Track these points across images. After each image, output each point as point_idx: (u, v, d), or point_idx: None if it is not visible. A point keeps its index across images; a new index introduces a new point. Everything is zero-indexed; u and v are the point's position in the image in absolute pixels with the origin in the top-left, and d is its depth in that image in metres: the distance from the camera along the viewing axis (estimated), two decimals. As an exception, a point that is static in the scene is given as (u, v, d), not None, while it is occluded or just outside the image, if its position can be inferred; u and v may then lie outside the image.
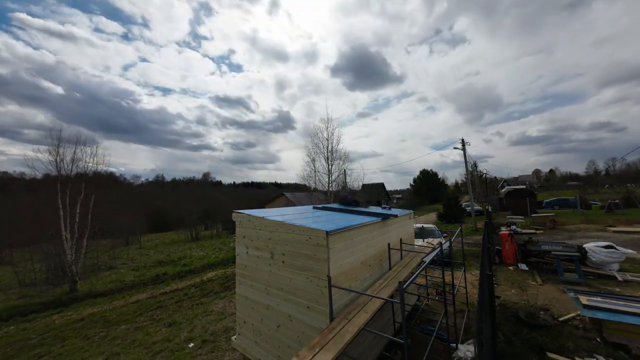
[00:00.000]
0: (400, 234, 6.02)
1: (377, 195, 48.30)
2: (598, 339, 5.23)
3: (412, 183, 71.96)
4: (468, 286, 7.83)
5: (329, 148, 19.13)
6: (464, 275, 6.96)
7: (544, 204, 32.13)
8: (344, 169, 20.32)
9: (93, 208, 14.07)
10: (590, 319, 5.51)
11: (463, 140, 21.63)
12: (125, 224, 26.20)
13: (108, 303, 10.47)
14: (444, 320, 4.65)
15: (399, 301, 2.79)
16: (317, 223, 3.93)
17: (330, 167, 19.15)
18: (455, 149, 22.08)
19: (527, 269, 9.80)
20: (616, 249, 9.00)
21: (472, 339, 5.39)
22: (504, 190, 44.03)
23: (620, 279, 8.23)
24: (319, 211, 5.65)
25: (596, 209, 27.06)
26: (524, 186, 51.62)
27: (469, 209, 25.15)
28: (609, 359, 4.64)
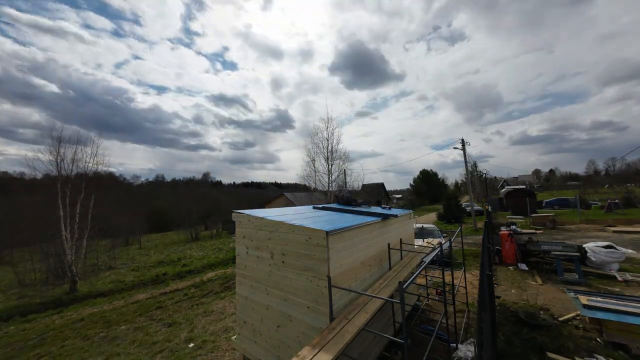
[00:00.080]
0: (400, 234, 6.02)
1: (377, 195, 48.30)
2: (598, 339, 5.23)
3: (412, 183, 71.95)
4: (468, 286, 7.83)
5: (329, 148, 19.12)
6: (464, 275, 6.97)
7: (544, 204, 32.16)
8: (344, 169, 20.31)
9: (93, 208, 14.07)
10: (590, 319, 5.51)
11: (463, 140, 21.65)
12: (125, 224, 26.19)
13: (108, 303, 10.47)
14: (444, 320, 4.65)
15: (399, 301, 2.78)
16: (317, 223, 3.93)
17: (330, 167, 19.13)
18: (455, 149, 22.11)
19: (527, 269, 9.81)
20: (616, 249, 9.00)
21: (472, 339, 5.39)
22: (503, 190, 44.02)
23: (620, 278, 8.23)
24: (319, 211, 5.65)
25: (596, 209, 27.06)
26: (524, 186, 51.59)
27: (469, 209, 25.15)
28: (609, 359, 4.64)
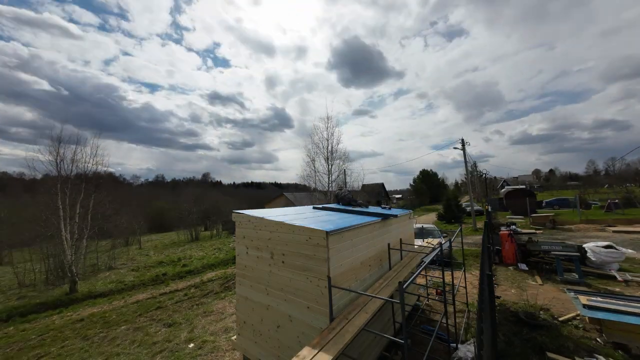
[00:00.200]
0: (400, 234, 6.02)
1: (377, 195, 48.32)
2: (598, 339, 5.23)
3: (412, 183, 71.97)
4: (468, 286, 7.83)
5: (329, 148, 19.11)
6: (464, 275, 6.97)
7: (544, 204, 32.18)
8: (344, 169, 20.29)
9: (93, 208, 14.06)
10: (590, 319, 5.51)
11: (463, 140, 21.66)
12: (125, 225, 26.19)
13: (108, 303, 10.46)
14: (444, 320, 4.65)
15: (399, 301, 2.78)
16: (317, 223, 3.93)
17: (330, 167, 19.11)
18: (455, 149, 22.12)
19: (527, 269, 9.81)
20: (616, 248, 9.01)
21: (472, 339, 5.39)
22: (503, 190, 44.03)
23: (620, 278, 8.23)
24: (319, 211, 5.65)
25: (596, 209, 27.08)
26: (524, 186, 51.60)
27: (468, 209, 25.16)
28: (609, 359, 4.64)
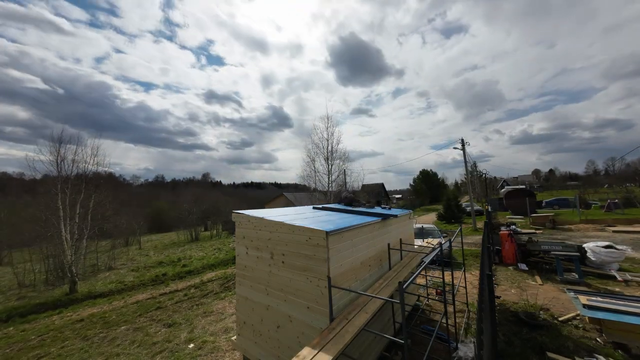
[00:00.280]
0: (400, 234, 6.02)
1: (377, 195, 48.30)
2: (598, 339, 5.23)
3: (412, 183, 71.99)
4: (468, 286, 7.83)
5: (329, 148, 19.10)
6: (464, 275, 6.98)
7: (544, 204, 32.17)
8: (344, 169, 20.29)
9: (93, 209, 14.06)
10: (590, 318, 5.51)
11: (462, 140, 21.67)
12: (125, 225, 26.20)
13: (108, 304, 10.45)
14: (444, 320, 4.65)
15: (399, 301, 2.78)
16: (317, 223, 3.93)
17: (330, 168, 19.10)
18: (455, 149, 22.12)
19: (527, 268, 9.80)
20: (616, 248, 9.01)
21: (472, 338, 5.38)
22: (503, 190, 44.01)
23: (619, 278, 8.23)
24: (319, 211, 5.65)
25: (596, 209, 27.09)
26: (524, 186, 51.60)
27: (468, 209, 25.16)
28: (609, 359, 4.64)
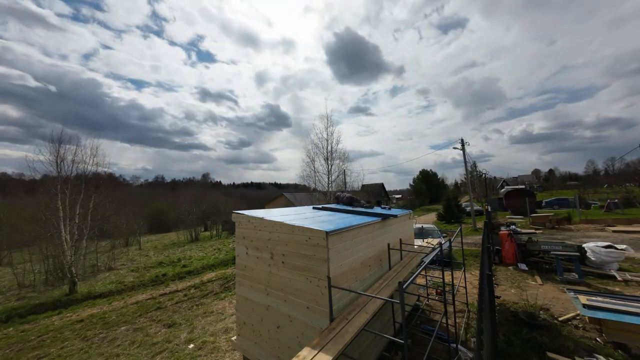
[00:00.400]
0: (400, 234, 6.02)
1: (377, 195, 48.29)
2: (598, 339, 5.23)
3: (412, 183, 71.99)
4: (468, 286, 7.83)
5: (329, 148, 19.09)
6: (464, 275, 6.97)
7: (544, 204, 32.19)
8: (344, 169, 20.28)
9: (93, 209, 14.04)
10: (590, 318, 5.51)
11: (462, 140, 21.67)
12: (125, 225, 26.18)
13: (107, 304, 10.44)
14: (444, 320, 4.64)
15: (399, 301, 2.78)
16: (317, 223, 3.93)
17: (329, 168, 19.08)
18: (455, 148, 22.14)
19: (527, 268, 9.81)
20: (616, 248, 9.01)
21: (472, 338, 5.38)
22: (503, 190, 44.03)
23: (619, 278, 8.24)
24: (319, 211, 5.65)
25: (595, 209, 27.10)
26: (524, 186, 51.62)
27: (468, 209, 25.16)
28: (609, 359, 4.64)
